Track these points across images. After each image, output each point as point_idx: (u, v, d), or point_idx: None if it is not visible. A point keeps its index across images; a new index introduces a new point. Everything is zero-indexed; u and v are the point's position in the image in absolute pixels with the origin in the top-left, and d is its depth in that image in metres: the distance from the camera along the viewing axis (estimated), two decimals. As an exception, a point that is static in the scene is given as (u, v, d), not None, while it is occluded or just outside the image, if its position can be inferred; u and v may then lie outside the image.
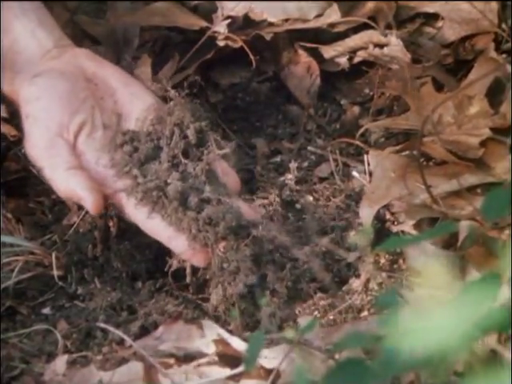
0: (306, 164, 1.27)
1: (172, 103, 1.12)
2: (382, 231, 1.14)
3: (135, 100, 1.14)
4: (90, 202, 1.06)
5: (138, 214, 1.08)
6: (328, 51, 1.37)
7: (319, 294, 1.07)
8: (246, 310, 1.04)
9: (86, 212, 1.13)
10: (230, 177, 1.12)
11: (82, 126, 1.10)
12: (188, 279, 1.09)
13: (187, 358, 0.95)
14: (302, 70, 1.36)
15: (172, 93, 1.12)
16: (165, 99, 1.16)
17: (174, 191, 1.06)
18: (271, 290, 1.05)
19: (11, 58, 1.14)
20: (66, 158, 1.08)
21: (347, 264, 1.10)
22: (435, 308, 0.67)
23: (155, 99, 1.15)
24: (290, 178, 1.22)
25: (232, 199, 1.08)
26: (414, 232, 1.10)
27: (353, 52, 1.36)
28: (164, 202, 1.06)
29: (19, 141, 1.19)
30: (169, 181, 1.07)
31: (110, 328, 1.00)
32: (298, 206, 1.19)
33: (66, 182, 1.07)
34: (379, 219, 1.15)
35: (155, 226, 1.07)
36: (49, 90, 1.11)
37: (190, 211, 1.05)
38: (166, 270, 1.08)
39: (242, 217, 1.06)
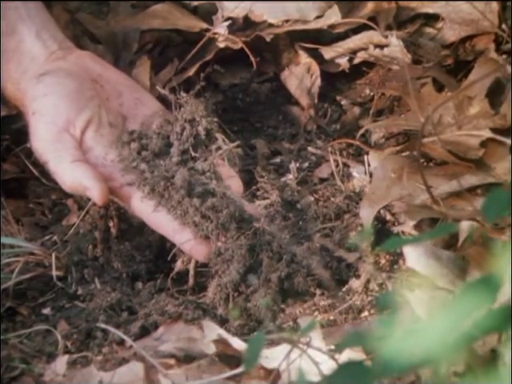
0: (306, 165, 1.27)
1: (184, 101, 1.12)
2: (382, 232, 1.14)
3: (140, 105, 1.15)
4: (97, 192, 1.07)
5: (144, 207, 1.09)
6: (328, 52, 1.37)
7: (319, 295, 1.07)
8: (244, 309, 1.05)
9: (86, 212, 1.13)
10: (233, 180, 1.13)
11: (89, 122, 1.11)
12: (191, 282, 1.09)
13: (187, 358, 0.95)
14: (303, 70, 1.36)
15: (181, 93, 1.13)
16: (165, 101, 1.16)
17: (181, 179, 1.06)
18: (267, 284, 1.06)
19: (17, 58, 1.15)
20: (72, 152, 1.09)
21: (347, 264, 1.10)
22: (435, 308, 0.67)
23: (160, 106, 1.16)
24: (290, 178, 1.22)
25: (235, 197, 1.09)
26: (414, 232, 1.10)
27: (353, 53, 1.36)
28: (170, 195, 1.07)
29: (19, 141, 1.20)
30: (176, 173, 1.08)
31: (111, 328, 1.00)
32: (298, 206, 1.19)
33: (71, 173, 1.08)
34: (379, 220, 1.15)
35: (160, 219, 1.08)
36: (56, 87, 1.12)
37: (195, 200, 1.06)
38: (169, 273, 1.09)
39: (244, 211, 1.07)
